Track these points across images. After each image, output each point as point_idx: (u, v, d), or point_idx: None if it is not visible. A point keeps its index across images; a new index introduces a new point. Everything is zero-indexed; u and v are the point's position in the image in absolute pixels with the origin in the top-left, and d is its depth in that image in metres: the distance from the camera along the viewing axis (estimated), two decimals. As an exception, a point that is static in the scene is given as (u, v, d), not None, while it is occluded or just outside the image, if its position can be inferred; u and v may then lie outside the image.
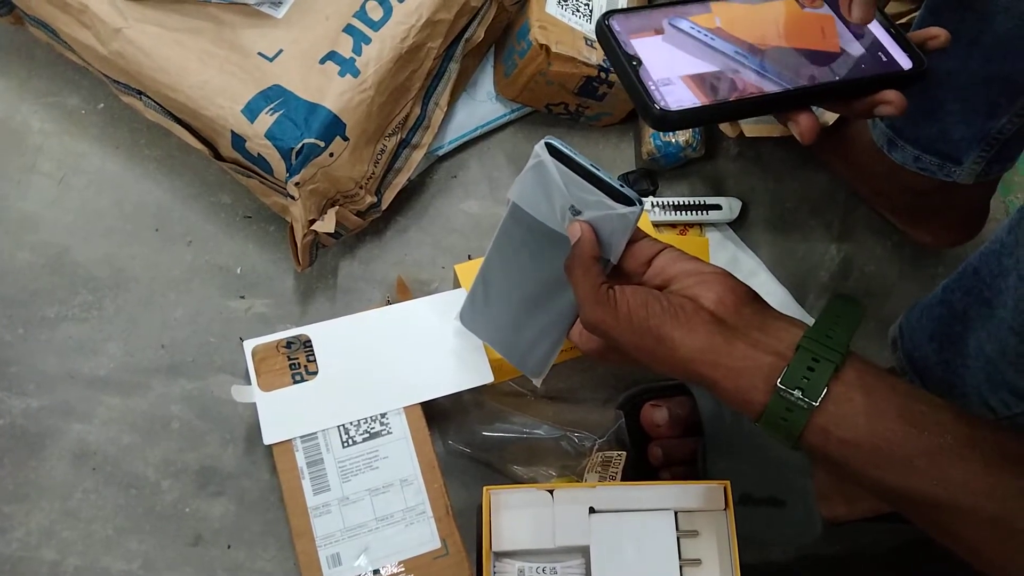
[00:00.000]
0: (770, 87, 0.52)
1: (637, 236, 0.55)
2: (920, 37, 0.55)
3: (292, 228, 0.77)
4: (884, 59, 0.54)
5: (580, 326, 0.57)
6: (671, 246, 0.54)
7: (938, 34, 0.55)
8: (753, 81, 0.52)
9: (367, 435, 0.73)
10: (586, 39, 0.84)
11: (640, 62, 0.51)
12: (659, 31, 0.53)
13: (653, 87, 0.50)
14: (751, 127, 0.87)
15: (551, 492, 0.68)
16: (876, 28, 0.56)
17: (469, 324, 0.65)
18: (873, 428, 0.46)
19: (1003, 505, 0.44)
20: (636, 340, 0.49)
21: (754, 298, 0.51)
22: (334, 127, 0.75)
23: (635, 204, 0.53)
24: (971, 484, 0.45)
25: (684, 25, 0.54)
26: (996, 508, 0.44)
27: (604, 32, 0.53)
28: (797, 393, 0.46)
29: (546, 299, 0.59)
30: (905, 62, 0.54)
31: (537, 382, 0.63)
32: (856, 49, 0.55)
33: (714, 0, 0.55)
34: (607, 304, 0.50)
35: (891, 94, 0.52)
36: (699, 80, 0.51)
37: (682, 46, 0.53)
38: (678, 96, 0.50)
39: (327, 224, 0.77)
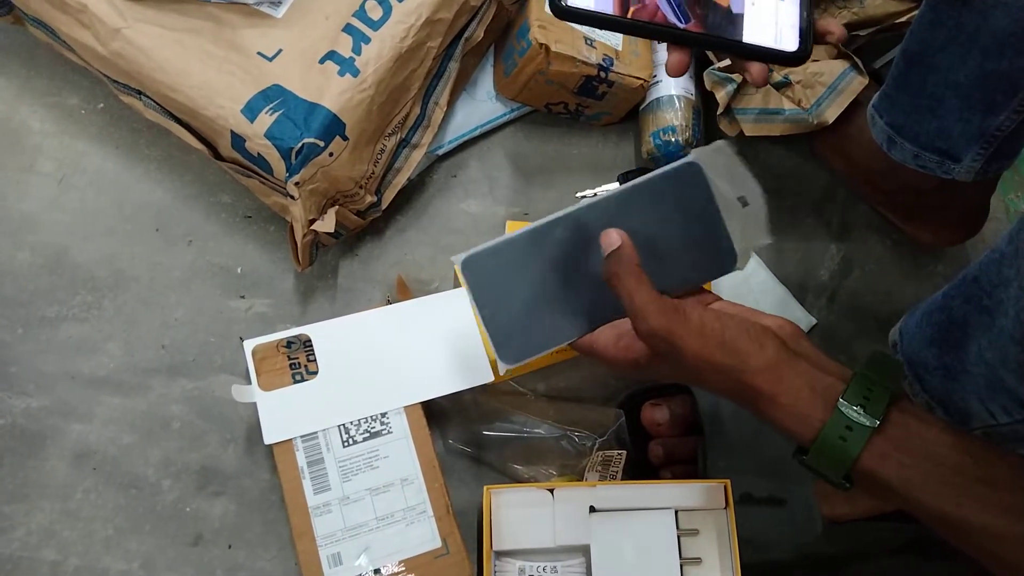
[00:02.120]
0: (668, 21, 0.57)
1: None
2: (821, 28, 0.59)
3: (292, 228, 0.77)
4: (774, 36, 0.58)
5: (613, 337, 0.55)
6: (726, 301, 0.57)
7: (833, 30, 0.59)
8: (655, 10, 0.57)
9: (367, 434, 0.73)
10: (586, 39, 0.84)
11: None
12: None
13: None
14: (751, 126, 0.87)
15: (551, 491, 0.68)
16: (795, 5, 0.59)
17: (468, 270, 0.57)
18: (932, 453, 0.46)
19: None
20: (704, 351, 0.50)
21: (807, 337, 0.53)
22: (334, 127, 0.75)
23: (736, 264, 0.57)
24: None
25: None
26: None
27: None
28: (858, 410, 0.47)
29: (589, 289, 0.56)
30: (792, 45, 0.58)
31: (502, 369, 0.57)
32: (754, 18, 0.58)
33: None
34: (676, 314, 0.50)
35: (755, 67, 0.58)
36: None
37: None
38: None
39: (327, 224, 0.77)
